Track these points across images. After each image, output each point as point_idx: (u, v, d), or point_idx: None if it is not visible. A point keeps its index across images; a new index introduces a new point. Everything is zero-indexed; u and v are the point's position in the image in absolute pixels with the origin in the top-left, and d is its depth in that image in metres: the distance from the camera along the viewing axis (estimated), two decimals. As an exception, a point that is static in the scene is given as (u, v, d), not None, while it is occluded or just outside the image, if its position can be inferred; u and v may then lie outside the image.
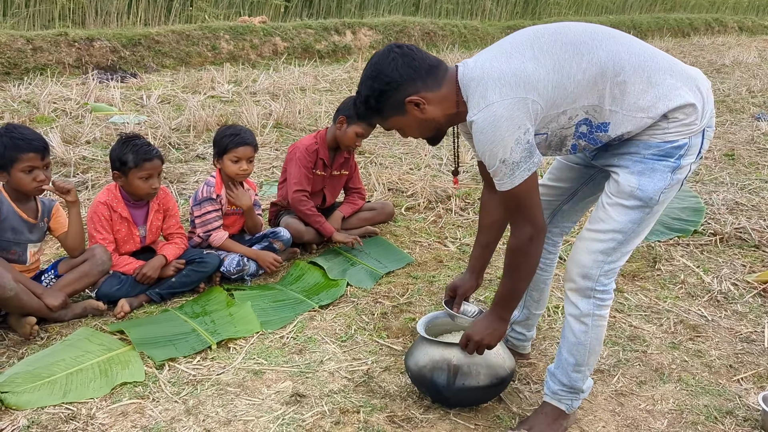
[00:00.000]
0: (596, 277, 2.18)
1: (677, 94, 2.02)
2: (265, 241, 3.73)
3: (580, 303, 2.24)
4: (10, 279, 2.80)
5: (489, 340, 2.33)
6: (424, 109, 2.12)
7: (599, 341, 2.31)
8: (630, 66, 2.02)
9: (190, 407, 2.50)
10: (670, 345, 3.06)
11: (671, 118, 2.02)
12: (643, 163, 2.07)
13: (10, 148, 2.87)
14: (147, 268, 3.26)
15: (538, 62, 2.01)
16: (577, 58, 2.02)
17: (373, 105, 2.16)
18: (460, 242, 4.13)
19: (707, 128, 2.09)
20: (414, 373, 2.52)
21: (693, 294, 3.56)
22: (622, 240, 2.14)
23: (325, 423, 2.44)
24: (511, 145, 1.98)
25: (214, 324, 3.08)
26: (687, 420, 2.55)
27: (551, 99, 2.01)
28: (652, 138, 2.05)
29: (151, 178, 3.23)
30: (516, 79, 1.99)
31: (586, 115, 2.07)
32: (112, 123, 6.26)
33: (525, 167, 2.01)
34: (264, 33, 10.88)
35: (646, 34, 17.96)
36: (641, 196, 2.08)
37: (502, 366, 2.48)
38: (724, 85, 10.26)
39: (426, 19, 14.02)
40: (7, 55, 8.03)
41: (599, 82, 2.02)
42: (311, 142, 3.93)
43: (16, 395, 2.51)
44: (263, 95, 7.90)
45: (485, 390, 2.47)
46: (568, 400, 2.40)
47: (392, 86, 2.09)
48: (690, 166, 2.10)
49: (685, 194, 4.97)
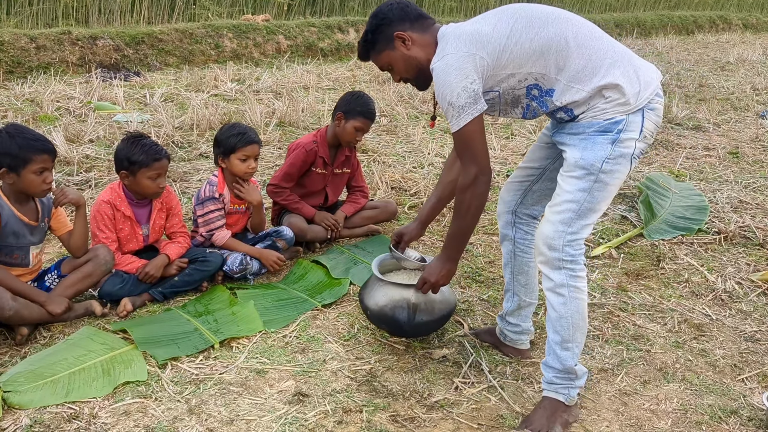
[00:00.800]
0: (561, 247, 2.35)
1: (609, 73, 2.29)
2: (268, 239, 3.73)
3: (552, 274, 2.40)
4: (8, 299, 2.77)
5: (443, 280, 2.64)
6: (409, 47, 2.51)
7: (581, 316, 2.41)
8: (574, 44, 2.31)
9: (192, 407, 2.50)
10: (674, 344, 3.05)
11: (607, 97, 2.29)
12: (586, 139, 2.33)
13: (25, 149, 2.82)
14: (150, 267, 3.25)
15: (495, 28, 2.36)
16: (527, 30, 2.33)
17: (369, 38, 2.56)
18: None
19: (648, 110, 2.31)
20: (375, 312, 2.84)
21: (697, 293, 3.55)
22: (577, 209, 2.33)
23: (327, 422, 2.43)
24: (458, 91, 2.30)
25: (217, 323, 3.07)
26: (691, 420, 2.54)
27: (498, 59, 2.34)
28: (594, 118, 2.31)
29: (159, 177, 3.25)
30: (471, 37, 2.35)
31: (536, 81, 2.37)
32: (115, 122, 6.26)
33: (469, 111, 2.32)
34: (267, 31, 10.87)
35: (650, 32, 17.90)
36: (584, 165, 2.30)
37: (448, 301, 2.88)
38: (728, 83, 10.22)
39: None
40: (10, 54, 8.03)
41: (545, 54, 2.32)
42: (310, 140, 3.93)
43: (19, 394, 2.51)
44: (266, 93, 7.89)
45: (437, 322, 2.87)
46: (564, 389, 2.47)
47: (386, 21, 2.51)
48: (634, 144, 2.30)
49: (689, 192, 4.95)
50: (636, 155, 2.34)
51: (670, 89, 9.54)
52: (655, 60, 12.63)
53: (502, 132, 6.96)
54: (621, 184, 2.40)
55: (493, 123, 7.18)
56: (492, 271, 3.68)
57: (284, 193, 3.93)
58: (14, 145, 2.80)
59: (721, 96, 9.23)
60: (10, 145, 2.80)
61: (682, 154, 6.18)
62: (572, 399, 2.48)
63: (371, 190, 4.84)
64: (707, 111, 8.07)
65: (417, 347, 2.94)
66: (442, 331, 3.09)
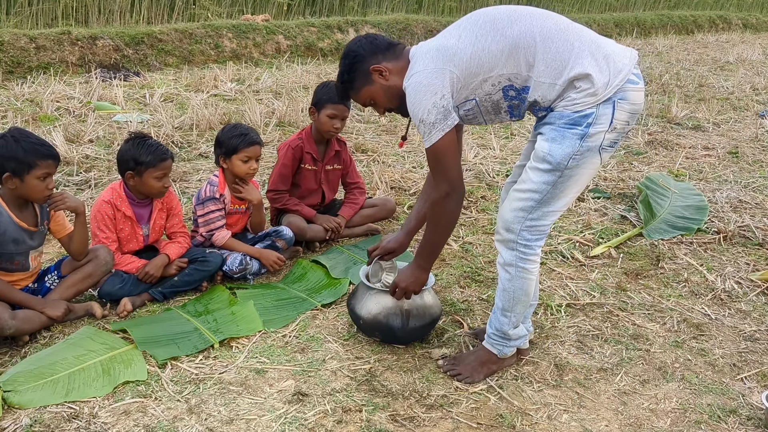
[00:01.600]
0: (517, 231, 2.48)
1: (578, 63, 2.30)
2: (267, 239, 3.73)
3: (504, 253, 2.55)
4: (6, 318, 2.76)
5: (413, 286, 2.74)
6: (387, 77, 2.53)
7: (525, 293, 2.59)
8: (540, 39, 2.33)
9: (192, 406, 2.50)
10: (674, 343, 3.05)
11: (578, 88, 2.31)
12: (556, 131, 2.37)
13: (31, 153, 2.79)
14: (150, 266, 3.26)
15: (459, 39, 2.39)
16: (492, 33, 2.35)
17: (346, 79, 2.59)
18: (462, 240, 4.13)
19: (619, 100, 2.32)
20: (368, 321, 2.88)
21: (696, 292, 3.55)
22: (539, 199, 2.43)
23: (327, 422, 2.43)
24: (429, 107, 2.34)
25: (217, 323, 3.08)
26: (690, 419, 2.54)
27: (467, 69, 2.37)
28: (565, 109, 2.35)
29: (165, 177, 3.26)
30: (437, 53, 2.39)
31: (509, 81, 2.39)
32: (115, 122, 6.27)
33: (440, 127, 2.36)
34: (267, 31, 10.87)
35: (650, 32, 17.91)
36: (551, 161, 2.37)
37: (436, 306, 2.96)
38: (728, 83, 10.22)
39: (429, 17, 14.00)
40: (10, 54, 8.03)
41: (514, 53, 2.34)
42: (295, 138, 3.96)
43: (19, 394, 2.51)
44: (266, 93, 7.90)
45: (427, 327, 2.94)
46: (499, 345, 2.72)
47: (358, 59, 2.53)
48: (603, 135, 2.35)
49: (689, 192, 4.96)
50: (605, 146, 2.39)
51: (670, 89, 9.55)
52: (654, 60, 12.65)
53: (501, 132, 6.97)
54: (592, 175, 2.48)
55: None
56: (492, 270, 3.69)
57: (283, 198, 3.94)
58: (20, 150, 2.77)
59: (720, 96, 9.23)
60: (16, 149, 2.77)
61: (681, 154, 6.19)
62: (504, 354, 2.74)
63: (371, 190, 4.85)
64: (707, 111, 8.07)
65: (416, 347, 2.95)
66: (441, 330, 3.09)
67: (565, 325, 3.18)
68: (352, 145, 5.95)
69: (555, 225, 4.40)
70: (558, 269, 3.77)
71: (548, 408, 2.57)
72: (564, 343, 3.02)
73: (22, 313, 2.85)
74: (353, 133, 6.53)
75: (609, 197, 5.00)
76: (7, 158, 2.77)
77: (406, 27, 12.96)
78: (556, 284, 3.58)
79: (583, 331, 3.13)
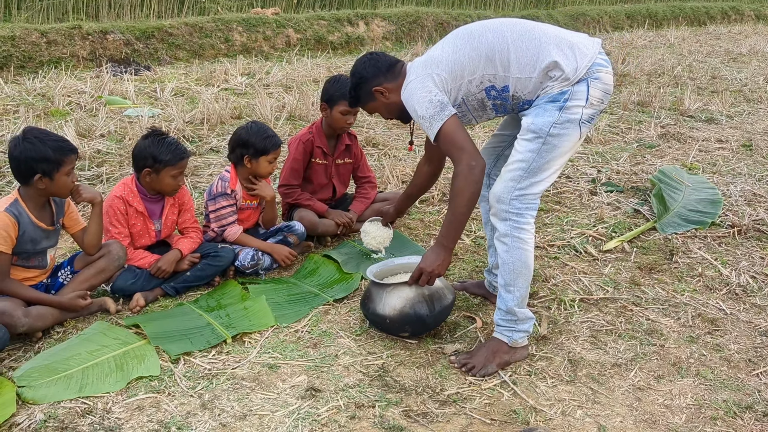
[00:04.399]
0: (508, 200, 2.63)
1: (547, 55, 2.57)
2: (279, 234, 3.73)
3: (499, 225, 2.69)
4: (20, 316, 2.78)
5: (439, 269, 2.75)
6: (387, 96, 2.87)
7: (524, 264, 2.68)
8: (512, 41, 2.62)
9: (205, 401, 2.50)
10: (688, 339, 3.03)
11: (552, 77, 2.58)
12: (537, 107, 2.63)
13: (58, 151, 2.80)
14: (162, 262, 3.26)
15: (442, 49, 2.73)
16: (469, 42, 2.67)
17: (353, 94, 2.96)
18: (474, 235, 4.11)
19: (592, 79, 2.57)
20: (395, 317, 2.86)
21: (711, 287, 3.52)
22: (527, 168, 2.61)
23: (340, 417, 2.43)
24: (425, 104, 2.62)
25: (229, 318, 3.08)
26: (706, 415, 2.52)
27: (452, 71, 2.67)
28: (544, 93, 2.62)
29: (180, 175, 3.28)
30: (425, 62, 2.73)
31: (490, 82, 2.67)
32: (126, 116, 6.28)
33: (439, 117, 2.61)
34: (277, 25, 10.86)
35: (661, 23, 17.77)
36: (534, 129, 2.60)
37: (447, 286, 3.00)
38: (741, 75, 10.14)
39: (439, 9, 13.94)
40: (21, 49, 8.05)
41: (490, 57, 2.63)
42: (306, 132, 3.95)
43: (33, 389, 2.52)
44: (276, 87, 7.89)
45: (450, 305, 2.97)
46: (508, 331, 2.77)
47: (363, 80, 2.88)
48: (582, 111, 2.58)
49: (702, 186, 4.92)
50: (584, 120, 2.60)
51: (683, 81, 9.48)
52: (666, 52, 12.55)
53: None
54: (573, 148, 2.66)
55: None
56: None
57: (295, 193, 3.93)
58: (48, 149, 2.78)
59: (733, 88, 9.15)
60: (44, 149, 2.77)
61: (694, 147, 6.14)
62: (515, 342, 2.77)
63: (382, 185, 4.84)
64: (720, 103, 8.00)
65: (429, 342, 2.94)
66: (453, 325, 3.08)
67: (579, 320, 3.16)
68: (363, 138, 5.93)
69: (567, 219, 4.38)
70: (571, 264, 3.75)
71: (562, 404, 2.56)
72: (578, 339, 3.00)
73: (35, 309, 2.86)
74: (364, 127, 6.52)
75: (622, 191, 4.96)
76: (37, 160, 2.77)
77: (416, 20, 12.92)
78: (569, 279, 3.56)
79: (597, 326, 3.11)
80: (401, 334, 2.95)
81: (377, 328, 3.01)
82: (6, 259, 2.84)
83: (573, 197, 4.82)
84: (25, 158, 2.77)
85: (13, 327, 2.74)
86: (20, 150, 2.78)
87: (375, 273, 3.06)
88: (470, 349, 2.87)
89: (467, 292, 3.38)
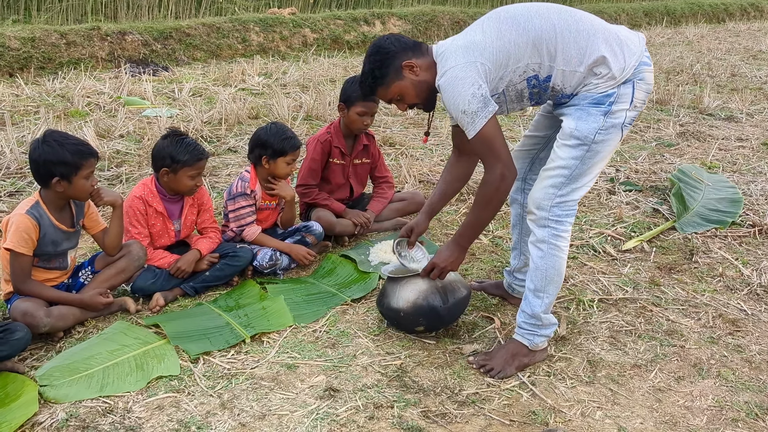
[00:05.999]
0: (548, 207, 2.57)
1: (596, 50, 2.47)
2: (297, 234, 3.74)
3: (537, 231, 2.62)
4: (42, 316, 2.81)
5: (452, 265, 2.78)
6: (418, 73, 2.64)
7: (557, 272, 2.64)
8: (560, 30, 2.49)
9: (225, 401, 2.51)
10: (709, 340, 3.00)
11: (598, 74, 2.49)
12: (581, 110, 2.52)
13: (77, 155, 2.81)
14: (182, 262, 3.28)
15: (485, 34, 2.53)
16: (515, 27, 2.51)
17: (377, 74, 2.66)
18: (492, 234, 4.10)
19: (638, 80, 2.50)
20: (408, 310, 2.86)
21: (732, 287, 3.49)
22: (569, 175, 2.54)
23: (359, 418, 2.43)
24: (468, 98, 2.45)
25: (248, 318, 3.09)
26: (727, 417, 2.50)
27: (497, 60, 2.51)
28: (588, 92, 2.51)
29: (198, 176, 3.29)
30: (466, 48, 2.51)
31: (534, 72, 2.54)
32: (145, 117, 6.32)
33: (482, 115, 2.46)
34: (293, 24, 10.89)
35: (680, 20, 17.63)
36: (578, 135, 2.51)
37: (460, 280, 2.99)
38: (761, 72, 10.03)
39: (455, 8, 13.91)
40: (41, 50, 8.13)
41: (537, 44, 2.50)
42: (324, 132, 3.96)
43: (55, 388, 2.55)
44: (293, 87, 7.91)
45: (465, 300, 2.96)
46: (530, 335, 2.73)
47: (390, 55, 2.63)
48: (625, 114, 2.51)
49: (722, 185, 4.87)
50: (627, 123, 2.54)
51: (702, 79, 9.40)
52: (685, 49, 12.45)
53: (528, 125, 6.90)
54: (613, 151, 2.60)
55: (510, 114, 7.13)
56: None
57: (312, 192, 3.94)
58: (66, 153, 2.79)
59: (753, 85, 9.06)
60: (62, 153, 2.79)
61: (714, 146, 6.09)
62: (535, 345, 2.74)
63: (399, 184, 4.84)
64: (740, 101, 7.92)
65: (447, 342, 2.94)
66: (472, 326, 3.08)
67: (598, 320, 3.14)
68: (380, 138, 5.93)
69: (586, 218, 4.35)
70: (589, 263, 3.73)
71: (581, 405, 2.55)
72: (597, 339, 2.99)
73: (56, 309, 2.89)
74: (381, 126, 6.52)
75: (640, 190, 4.93)
76: (56, 163, 2.79)
77: (432, 18, 12.90)
78: (588, 279, 3.54)
79: (616, 326, 3.09)
80: (417, 329, 2.94)
81: (393, 324, 3.01)
82: (27, 261, 2.87)
83: (591, 196, 4.80)
84: (43, 161, 2.80)
85: (35, 327, 2.77)
86: (39, 153, 2.80)
87: (391, 271, 3.06)
88: (489, 350, 2.86)
89: (485, 292, 3.36)
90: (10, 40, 7.95)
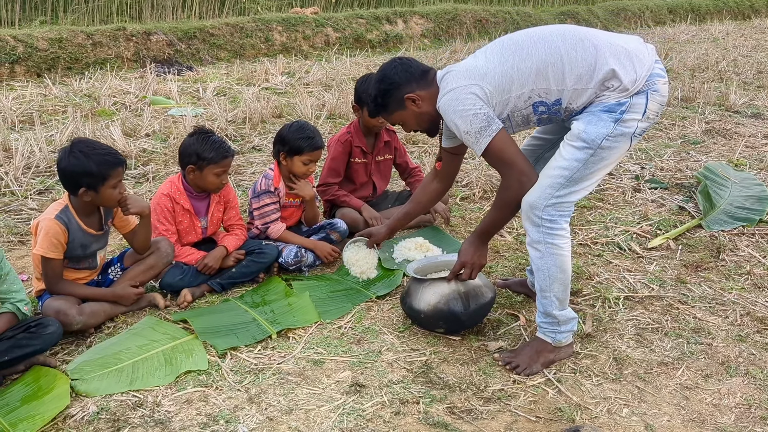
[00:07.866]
0: (541, 206, 2.53)
1: (603, 63, 2.45)
2: (322, 232, 3.76)
3: (531, 231, 2.61)
4: (74, 314, 2.85)
5: (481, 260, 2.80)
6: (419, 104, 2.70)
7: (561, 270, 2.61)
8: (565, 51, 2.49)
9: (252, 396, 2.54)
10: (737, 338, 2.98)
11: (610, 87, 2.46)
12: (592, 114, 2.50)
13: (103, 165, 2.82)
14: (209, 258, 3.32)
15: (488, 60, 2.57)
16: (518, 53, 2.53)
17: (380, 102, 2.75)
18: (516, 232, 4.09)
19: (652, 92, 2.47)
20: (428, 312, 2.86)
21: (759, 285, 3.46)
22: (569, 176, 2.51)
23: (385, 413, 2.45)
24: (469, 118, 2.49)
25: (274, 314, 3.12)
26: (756, 415, 2.48)
27: (499, 85, 2.53)
28: (601, 101, 2.49)
29: (224, 173, 3.31)
30: (467, 72, 2.56)
31: (540, 98, 2.54)
32: (170, 116, 6.38)
33: (486, 133, 2.50)
34: (316, 24, 10.93)
35: (704, 17, 17.45)
36: (585, 138, 2.47)
37: (487, 285, 2.97)
38: (788, 69, 9.91)
39: (478, 6, 13.88)
40: (68, 51, 8.24)
41: (542, 70, 2.50)
42: (344, 132, 3.98)
43: (86, 382, 2.59)
44: (316, 86, 7.94)
45: (487, 306, 2.94)
46: (551, 332, 2.73)
47: (394, 86, 2.69)
48: (637, 124, 2.47)
49: (749, 182, 4.82)
50: (637, 134, 2.51)
51: (728, 76, 9.29)
52: (710, 46, 12.32)
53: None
54: (619, 159, 2.58)
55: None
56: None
57: (331, 190, 3.96)
58: (92, 164, 2.80)
59: (780, 82, 8.95)
60: (88, 164, 2.80)
61: (741, 143, 6.02)
62: (558, 342, 2.73)
63: (423, 182, 4.83)
64: (766, 98, 7.83)
65: (472, 339, 2.94)
66: (497, 323, 3.08)
67: (624, 318, 3.13)
68: (403, 137, 5.94)
69: (611, 216, 4.33)
70: (615, 261, 3.71)
71: (608, 402, 2.54)
72: (623, 337, 2.97)
73: (88, 307, 2.94)
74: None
75: (666, 187, 4.90)
76: (81, 174, 2.81)
77: (454, 17, 12.88)
78: (614, 276, 3.52)
79: (643, 324, 3.08)
80: (437, 330, 2.96)
81: (415, 323, 3.03)
82: (58, 264, 2.91)
83: (616, 194, 4.77)
84: (70, 172, 2.82)
85: (68, 325, 2.82)
86: (66, 164, 2.82)
87: (416, 269, 3.07)
88: (514, 347, 2.86)
89: (510, 289, 3.36)
90: (38, 41, 8.06)
